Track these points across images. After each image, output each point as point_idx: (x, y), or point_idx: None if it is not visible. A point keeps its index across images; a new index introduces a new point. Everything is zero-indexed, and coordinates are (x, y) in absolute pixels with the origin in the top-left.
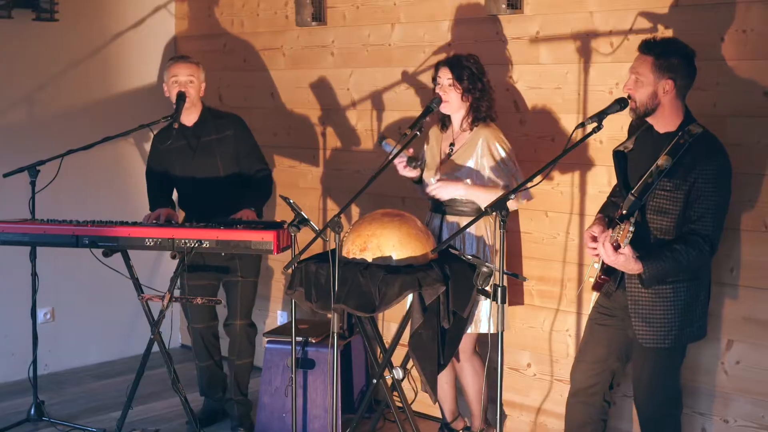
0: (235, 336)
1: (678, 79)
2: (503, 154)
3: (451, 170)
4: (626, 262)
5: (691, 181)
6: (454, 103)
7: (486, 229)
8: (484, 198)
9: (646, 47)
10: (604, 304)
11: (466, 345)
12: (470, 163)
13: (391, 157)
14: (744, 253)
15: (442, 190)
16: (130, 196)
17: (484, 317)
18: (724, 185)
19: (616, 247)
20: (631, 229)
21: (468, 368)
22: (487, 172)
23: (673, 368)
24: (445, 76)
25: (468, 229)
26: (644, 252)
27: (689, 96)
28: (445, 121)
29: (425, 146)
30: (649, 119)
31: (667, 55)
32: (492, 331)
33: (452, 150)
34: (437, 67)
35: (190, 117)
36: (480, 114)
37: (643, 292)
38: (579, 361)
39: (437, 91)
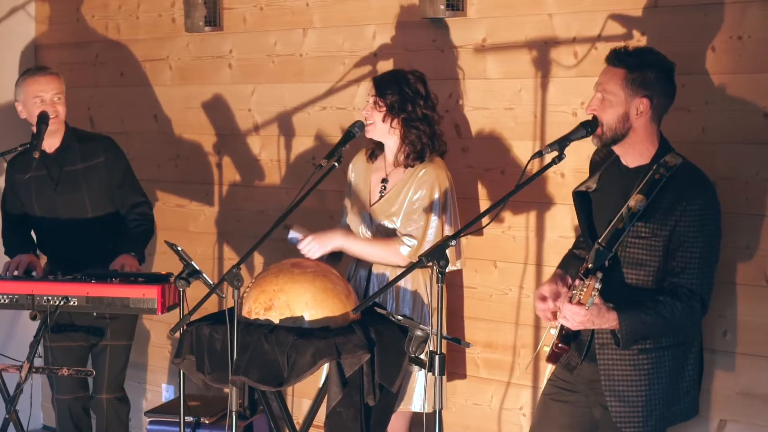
0: (101, 413)
1: (654, 97)
2: (435, 199)
3: (384, 217)
4: (597, 315)
5: (671, 225)
6: (378, 127)
7: (423, 284)
8: (378, 255)
9: (616, 58)
10: (565, 377)
11: (396, 426)
12: (405, 209)
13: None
14: (740, 312)
15: (314, 248)
16: None
17: (418, 392)
18: (712, 228)
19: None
20: (597, 285)
21: None
22: (400, 218)
23: None
24: (370, 92)
25: (401, 283)
26: (619, 304)
27: (671, 119)
28: (375, 149)
29: (351, 177)
30: (616, 149)
31: (642, 67)
32: (428, 410)
33: (384, 188)
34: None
35: (51, 141)
36: (417, 148)
37: (618, 363)
38: None
39: (363, 111)
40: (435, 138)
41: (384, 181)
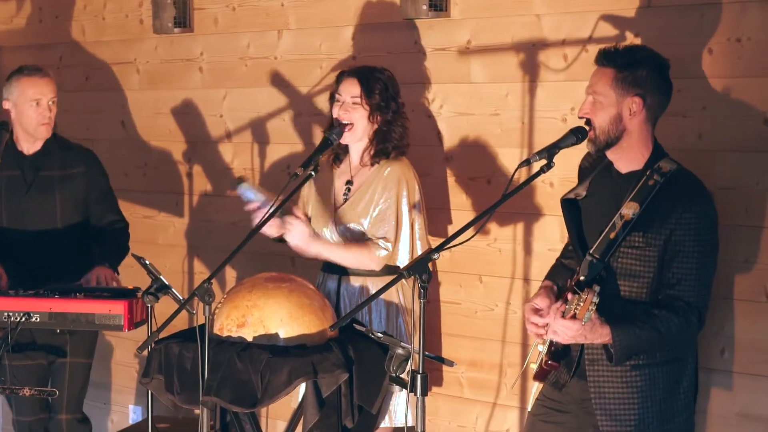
0: None
1: (648, 96)
2: (403, 200)
3: (350, 219)
4: (590, 331)
5: (666, 234)
6: (359, 128)
7: (396, 294)
8: (351, 259)
9: (604, 57)
10: (553, 396)
11: None
12: (373, 211)
13: (272, 208)
14: (738, 329)
15: (297, 237)
16: None
17: (400, 408)
18: (709, 237)
19: (573, 318)
20: (595, 299)
21: None
22: (368, 220)
23: None
24: (351, 90)
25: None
26: (611, 318)
27: (665, 125)
28: (339, 153)
29: (307, 188)
30: (609, 154)
31: (632, 65)
32: (411, 424)
33: (349, 191)
34: (339, 78)
35: (31, 144)
36: (388, 144)
37: (609, 380)
38: None
39: (337, 111)
40: (406, 137)
41: (349, 183)
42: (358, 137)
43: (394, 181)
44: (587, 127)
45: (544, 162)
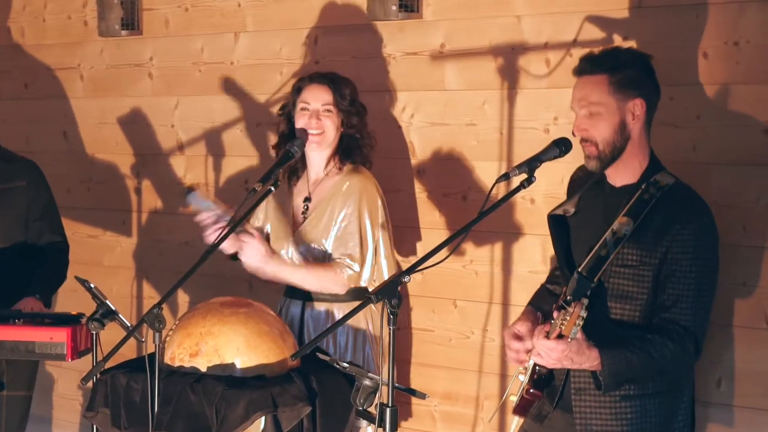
0: None
1: (646, 96)
2: (365, 215)
3: (311, 240)
4: (577, 353)
5: (661, 252)
6: (330, 136)
7: (364, 320)
8: (314, 282)
9: (591, 63)
10: (534, 430)
11: None
12: (334, 229)
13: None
14: (738, 358)
15: (254, 256)
16: None
17: None
18: (708, 256)
19: (559, 337)
20: (582, 313)
21: None
22: (330, 239)
23: None
24: (322, 97)
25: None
26: (600, 341)
27: (656, 136)
28: (296, 168)
29: (265, 206)
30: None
31: (623, 67)
32: None
33: (307, 209)
34: (300, 85)
35: None
36: (353, 153)
37: (597, 412)
38: None
39: (306, 121)
40: (373, 148)
41: (307, 200)
42: (326, 146)
43: (354, 195)
44: (586, 145)
45: (524, 176)
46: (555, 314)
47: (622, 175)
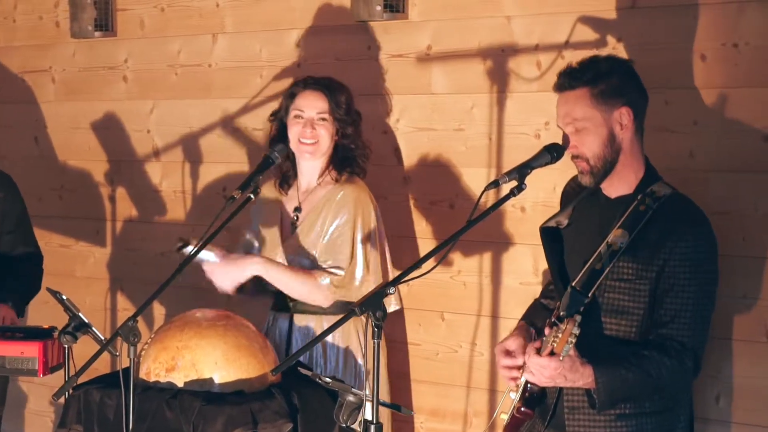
0: None
1: (632, 103)
2: (358, 227)
3: (301, 251)
4: (570, 370)
5: (658, 265)
6: (324, 145)
7: (355, 336)
8: (299, 289)
9: (570, 78)
10: None
11: None
12: (325, 239)
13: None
14: (737, 374)
15: (230, 274)
16: None
17: None
18: (707, 269)
19: (551, 355)
20: (575, 330)
21: None
22: (321, 250)
23: None
24: (317, 105)
25: (328, 336)
26: (595, 358)
27: (651, 143)
28: (288, 176)
29: (252, 217)
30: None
31: (603, 77)
32: None
33: (297, 218)
34: (294, 91)
35: None
36: (349, 164)
37: (590, 431)
38: None
39: (300, 129)
40: (367, 157)
41: (297, 209)
42: (320, 155)
43: (347, 205)
44: (577, 161)
45: (514, 184)
46: (547, 331)
47: (617, 186)
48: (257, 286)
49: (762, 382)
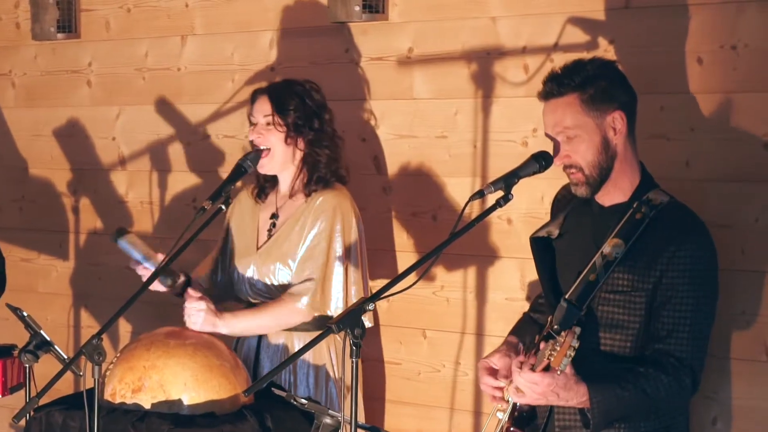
0: None
1: (624, 107)
2: (336, 236)
3: (276, 259)
4: (564, 388)
5: (656, 277)
6: (278, 153)
7: (327, 353)
8: (273, 323)
9: (559, 84)
10: None
11: None
12: (301, 249)
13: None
14: (735, 395)
15: (199, 321)
16: None
17: None
18: (706, 281)
19: (546, 370)
20: (574, 344)
21: None
22: (297, 259)
23: None
24: (263, 109)
25: (305, 356)
26: (589, 376)
27: (645, 151)
28: (264, 186)
29: (228, 224)
30: None
31: (592, 80)
32: None
33: (274, 225)
34: (253, 98)
35: None
36: (321, 171)
37: None
38: None
39: (252, 135)
40: (340, 160)
41: (274, 216)
42: (278, 164)
43: (326, 213)
44: (570, 171)
45: (500, 194)
46: (542, 345)
47: (612, 194)
48: (225, 294)
49: (762, 403)
